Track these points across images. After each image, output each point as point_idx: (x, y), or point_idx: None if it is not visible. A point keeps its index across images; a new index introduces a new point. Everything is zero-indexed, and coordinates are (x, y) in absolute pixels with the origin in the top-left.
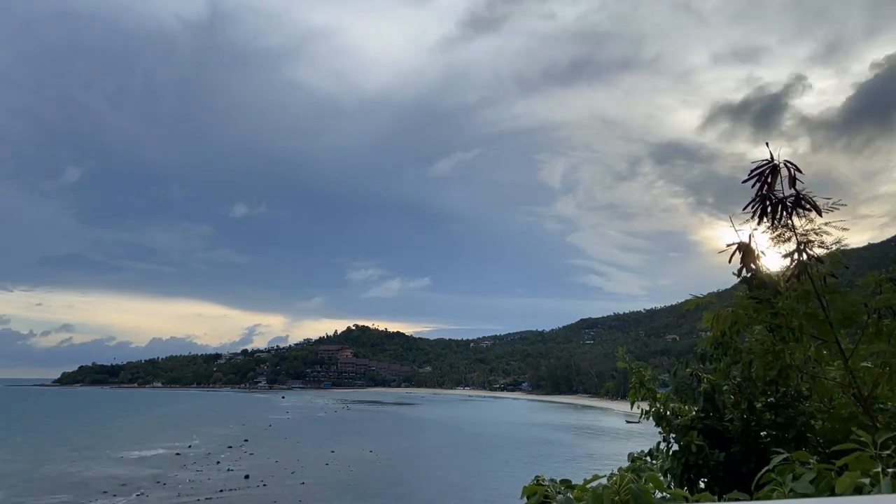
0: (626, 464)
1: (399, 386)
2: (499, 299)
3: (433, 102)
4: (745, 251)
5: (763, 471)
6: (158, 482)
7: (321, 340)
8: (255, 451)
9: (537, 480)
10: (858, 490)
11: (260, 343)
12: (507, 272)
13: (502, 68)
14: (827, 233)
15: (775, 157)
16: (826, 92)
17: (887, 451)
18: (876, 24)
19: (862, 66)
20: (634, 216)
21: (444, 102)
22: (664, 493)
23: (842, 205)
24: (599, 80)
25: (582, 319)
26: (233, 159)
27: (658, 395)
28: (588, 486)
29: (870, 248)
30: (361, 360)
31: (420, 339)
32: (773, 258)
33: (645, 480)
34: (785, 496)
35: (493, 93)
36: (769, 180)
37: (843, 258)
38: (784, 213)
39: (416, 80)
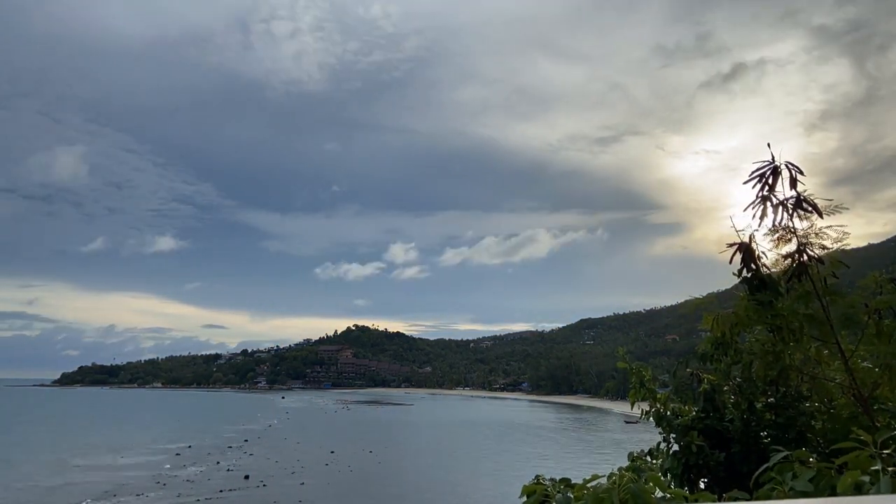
0: (625, 463)
1: (399, 386)
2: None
3: None
4: (746, 252)
5: (762, 468)
6: (158, 482)
7: (321, 340)
8: (255, 451)
9: (537, 479)
10: (859, 488)
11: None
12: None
13: None
14: (827, 235)
15: (776, 159)
16: None
17: (887, 451)
18: None
19: None
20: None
21: None
22: (664, 493)
23: (844, 208)
24: None
25: (582, 319)
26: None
27: (658, 396)
28: (587, 485)
29: (870, 249)
30: (361, 361)
31: (420, 339)
32: (774, 259)
33: (645, 480)
34: (785, 494)
35: None
36: (770, 182)
37: (844, 259)
38: (785, 214)
39: None
